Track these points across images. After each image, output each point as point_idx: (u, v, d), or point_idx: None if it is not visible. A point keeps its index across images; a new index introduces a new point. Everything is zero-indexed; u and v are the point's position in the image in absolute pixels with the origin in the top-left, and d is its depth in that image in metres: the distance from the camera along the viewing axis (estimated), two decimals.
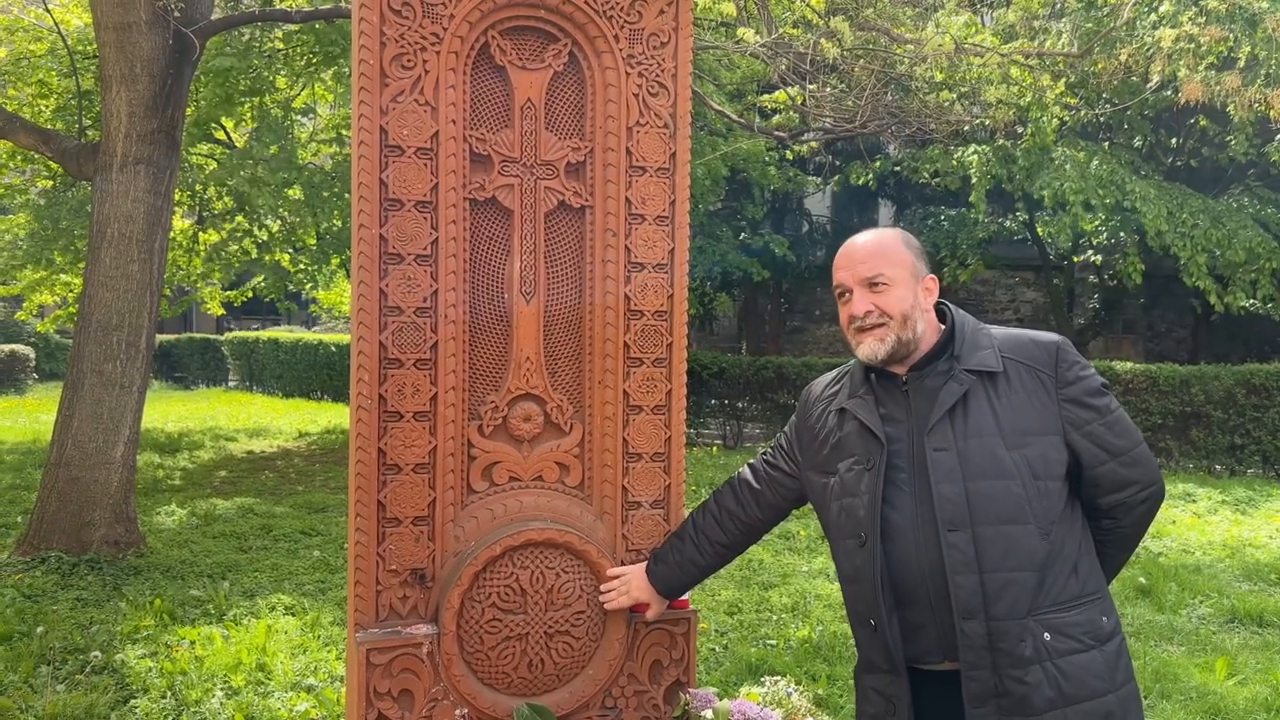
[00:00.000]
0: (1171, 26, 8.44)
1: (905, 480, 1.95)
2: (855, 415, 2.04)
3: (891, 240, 2.04)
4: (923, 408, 1.97)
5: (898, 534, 1.94)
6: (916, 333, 2.00)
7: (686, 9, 2.41)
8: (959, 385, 1.95)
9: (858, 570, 1.99)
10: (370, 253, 2.21)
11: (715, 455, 11.50)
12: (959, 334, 2.01)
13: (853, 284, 2.02)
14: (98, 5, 5.83)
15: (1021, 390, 1.94)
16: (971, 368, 1.96)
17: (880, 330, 2.00)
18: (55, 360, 19.69)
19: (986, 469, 1.89)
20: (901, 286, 2.00)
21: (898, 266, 2.00)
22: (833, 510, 2.07)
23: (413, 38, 2.21)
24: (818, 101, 7.69)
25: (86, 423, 5.89)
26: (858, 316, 2.01)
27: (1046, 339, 2.00)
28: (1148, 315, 17.84)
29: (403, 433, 2.23)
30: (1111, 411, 1.96)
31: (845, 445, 2.06)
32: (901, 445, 1.98)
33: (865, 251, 2.03)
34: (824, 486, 2.09)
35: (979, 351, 1.98)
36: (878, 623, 1.95)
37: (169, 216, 6.27)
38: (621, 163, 2.41)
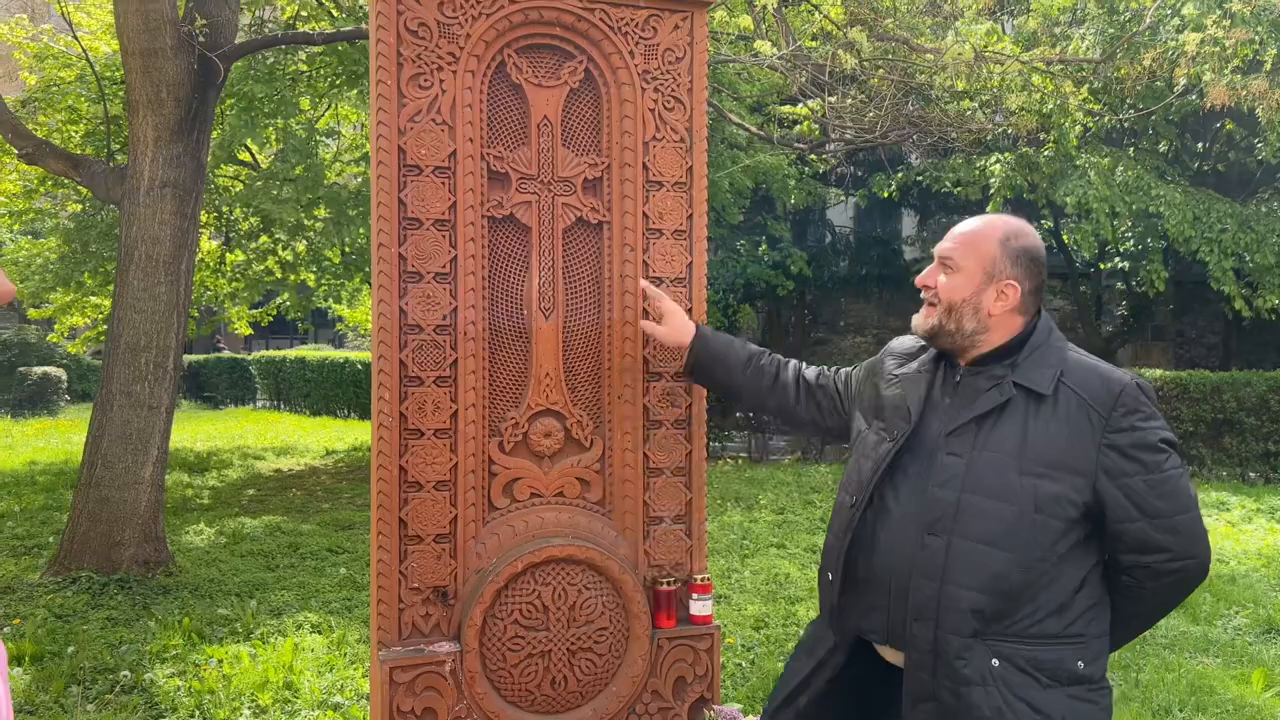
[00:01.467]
0: (1195, 30, 8.36)
1: (913, 468, 1.95)
2: (904, 384, 2.05)
3: (988, 232, 1.98)
4: (961, 406, 1.95)
5: (886, 517, 1.97)
6: (962, 328, 1.96)
7: (701, 24, 2.42)
8: (999, 395, 1.90)
9: (839, 526, 2.05)
10: (390, 271, 2.22)
11: (740, 469, 11.46)
12: (1029, 345, 1.95)
13: (936, 254, 2.03)
14: (125, 32, 5.92)
15: (1063, 421, 1.85)
16: (1020, 382, 1.90)
17: (928, 308, 2.01)
18: (87, 381, 19.94)
19: (987, 485, 1.85)
20: (965, 278, 1.96)
21: (974, 258, 1.96)
22: (851, 459, 2.13)
23: (429, 58, 2.23)
24: (838, 113, 7.67)
25: (116, 443, 5.95)
26: (920, 285, 2.03)
27: (1117, 379, 1.88)
28: (1177, 322, 17.62)
29: (424, 450, 2.24)
30: (1162, 470, 1.82)
31: (886, 407, 2.07)
32: (928, 433, 1.96)
33: (958, 231, 2.02)
34: (857, 432, 2.15)
35: (1038, 369, 1.91)
36: (834, 579, 2.03)
37: (195, 238, 6.34)
38: (638, 178, 2.41)
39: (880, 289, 19.05)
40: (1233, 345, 16.30)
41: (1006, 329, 1.96)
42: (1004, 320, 1.96)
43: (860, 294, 19.45)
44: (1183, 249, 11.60)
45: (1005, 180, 11.90)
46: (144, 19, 5.81)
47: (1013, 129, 9.27)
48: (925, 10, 9.23)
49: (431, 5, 2.22)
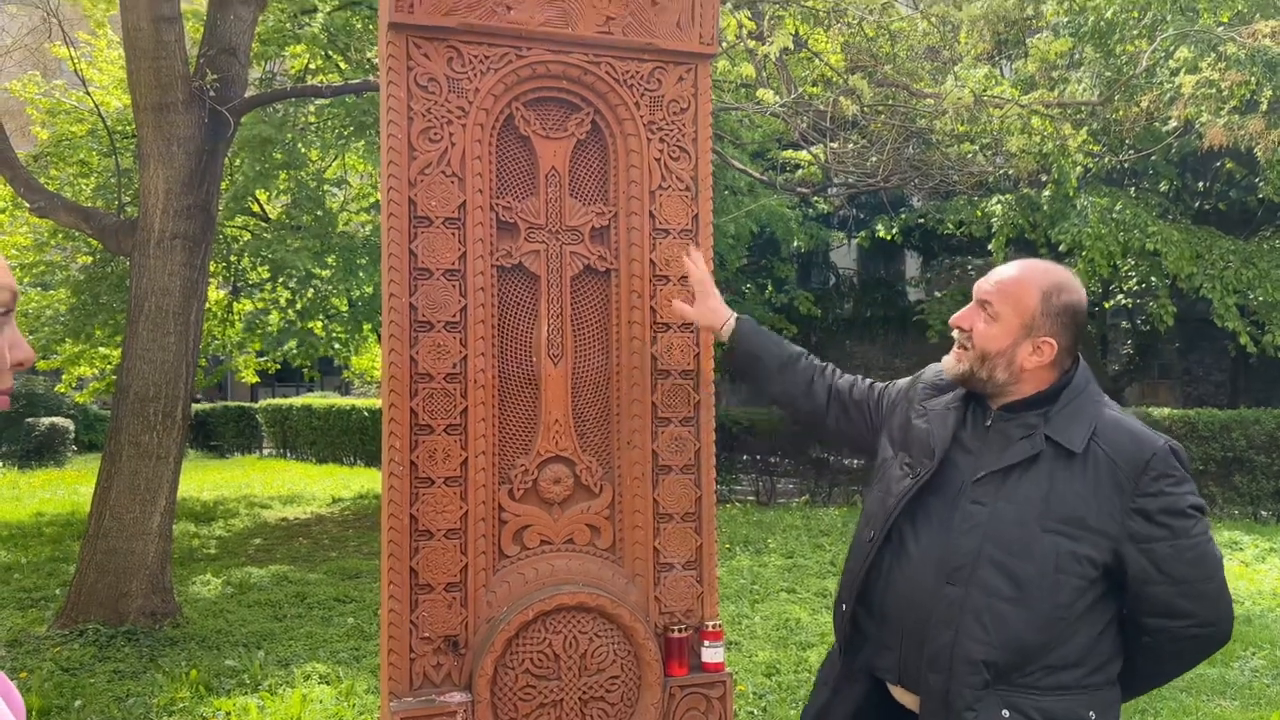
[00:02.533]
0: (1191, 72, 8.45)
1: (935, 509, 1.92)
2: (931, 419, 2.02)
3: (1032, 283, 1.92)
4: (990, 452, 1.91)
5: (904, 555, 1.95)
6: (994, 378, 1.93)
7: (705, 76, 2.46)
8: (1030, 448, 1.86)
9: (857, 559, 2.05)
10: (401, 321, 2.24)
11: (748, 512, 11.40)
12: (1065, 395, 1.91)
13: (975, 294, 1.98)
14: (137, 88, 6.03)
15: (1091, 480, 1.82)
16: (1052, 436, 1.86)
17: (960, 351, 1.97)
18: (94, 431, 19.96)
19: (1010, 541, 1.83)
20: (1002, 328, 1.91)
21: (1014, 309, 1.91)
22: (874, 486, 2.11)
23: (439, 112, 2.27)
24: (839, 158, 7.76)
25: (124, 494, 5.96)
26: (953, 326, 2.00)
27: (1149, 442, 1.84)
28: (1184, 359, 17.61)
29: (434, 498, 2.24)
30: (1189, 535, 1.80)
31: (912, 440, 2.04)
32: (954, 474, 1.93)
33: (1001, 276, 1.96)
34: (883, 460, 2.12)
35: (1072, 423, 1.87)
36: (847, 610, 2.04)
37: (204, 288, 6.40)
38: (645, 226, 2.44)
39: (885, 330, 19.09)
40: (1240, 383, 16.27)
41: (1039, 381, 1.94)
42: (1037, 374, 1.93)
43: (865, 335, 19.48)
44: (1185, 285, 11.62)
45: (1006, 220, 11.98)
46: (156, 75, 5.92)
47: (1014, 171, 9.35)
48: (924, 55, 9.36)
49: (441, 61, 2.26)
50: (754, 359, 2.37)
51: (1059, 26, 11.10)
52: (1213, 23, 9.47)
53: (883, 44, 8.25)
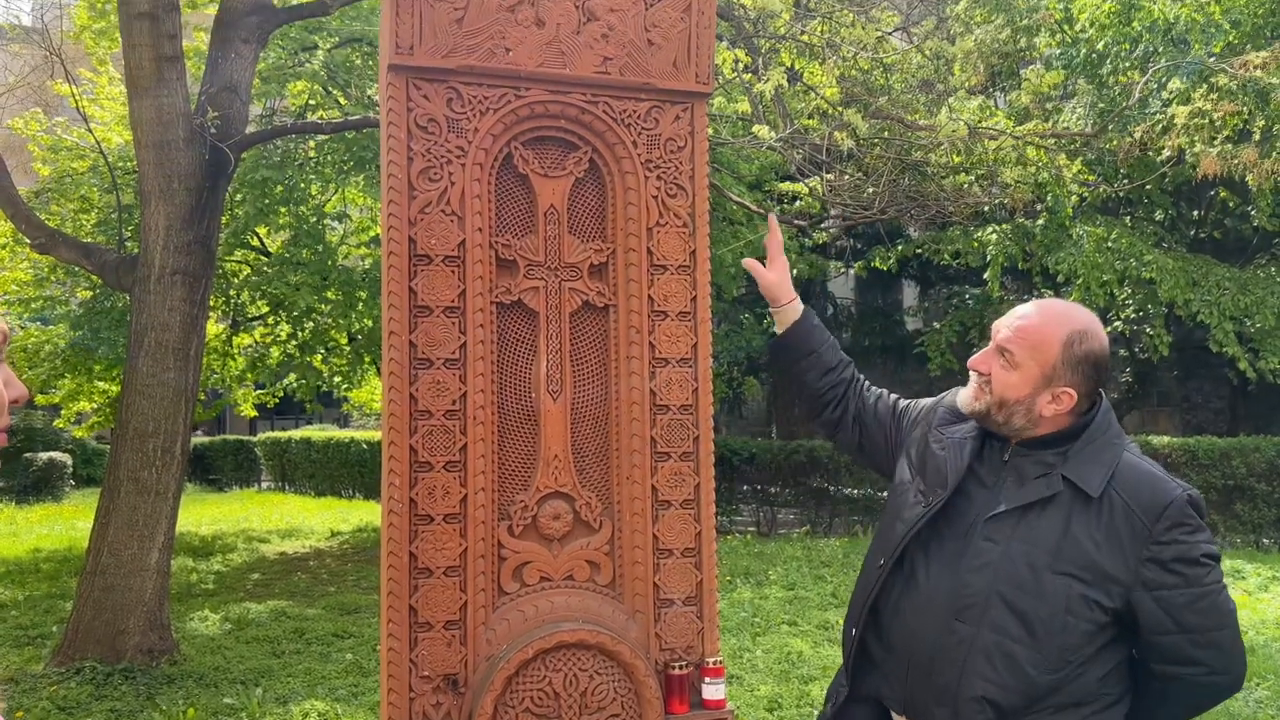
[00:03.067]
0: (1183, 103, 8.54)
1: (948, 539, 1.91)
2: (949, 447, 2.00)
3: (1053, 333, 1.89)
4: (1008, 485, 1.90)
5: (913, 586, 1.94)
6: (1011, 422, 1.91)
7: (701, 114, 2.49)
8: (1048, 488, 1.84)
9: (866, 583, 2.05)
10: (400, 359, 2.25)
11: (749, 543, 11.36)
12: (1086, 435, 1.88)
13: (993, 337, 1.96)
14: (138, 125, 6.09)
15: (1106, 526, 1.81)
16: (1070, 478, 1.84)
17: (978, 389, 1.95)
18: (92, 466, 19.91)
19: (1021, 579, 1.81)
20: (1022, 378, 1.89)
21: (1033, 359, 1.88)
22: (888, 507, 2.11)
23: (439, 152, 2.29)
24: (835, 190, 7.82)
25: (122, 530, 5.94)
26: (970, 368, 1.98)
27: (1167, 491, 1.82)
28: (1183, 387, 17.61)
29: (433, 536, 2.24)
30: (1202, 584, 1.79)
31: (929, 466, 2.03)
32: (966, 505, 1.92)
33: (1022, 323, 1.92)
34: (900, 481, 2.11)
35: (1091, 466, 1.84)
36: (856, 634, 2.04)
37: (204, 323, 6.42)
38: (643, 262, 2.46)
39: (884, 360, 19.11)
40: (1239, 409, 16.27)
41: (1058, 423, 1.92)
42: (1055, 420, 1.92)
43: (864, 365, 19.42)
44: (1182, 312, 11.67)
45: (1001, 250, 12.04)
46: (158, 113, 5.98)
47: (1008, 201, 9.41)
48: (918, 88, 9.45)
49: (440, 102, 2.29)
50: (809, 353, 2.38)
51: (1052, 58, 11.23)
52: (1204, 54, 9.58)
53: (878, 77, 8.34)
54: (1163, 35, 10.05)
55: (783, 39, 7.19)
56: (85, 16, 10.09)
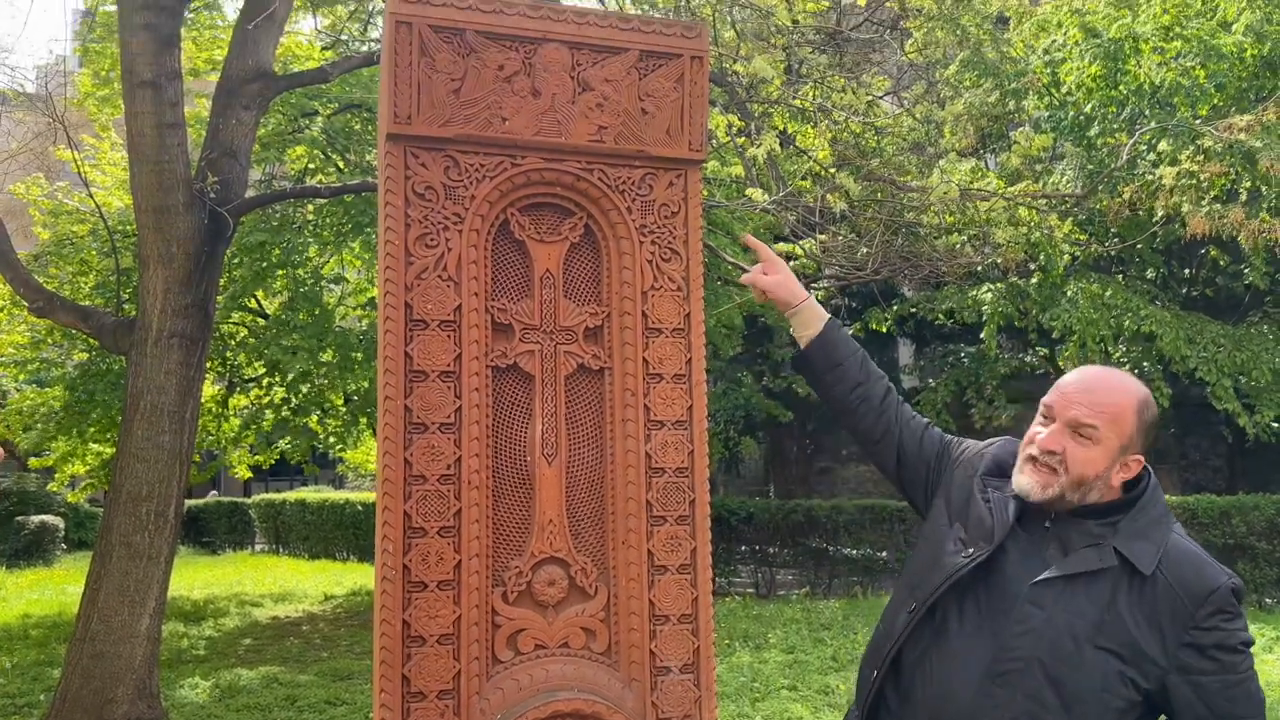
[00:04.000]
0: (1170, 165, 8.67)
1: (985, 599, 1.87)
2: (994, 500, 1.94)
3: (1127, 402, 1.87)
4: (1051, 551, 1.86)
5: (945, 640, 1.88)
6: (1086, 500, 1.88)
7: (695, 180, 2.53)
8: (1099, 560, 1.81)
9: (893, 627, 1.98)
10: (395, 424, 2.25)
11: (747, 605, 11.24)
12: (1133, 509, 1.87)
13: (1060, 415, 1.88)
14: (138, 190, 6.15)
15: (1150, 607, 1.79)
16: (1122, 551, 1.82)
17: (1049, 475, 1.87)
18: (85, 530, 19.73)
19: (1064, 652, 1.79)
20: (1102, 451, 1.85)
21: (1114, 431, 1.85)
22: (921, 548, 2.04)
23: (436, 218, 2.32)
24: (829, 251, 7.90)
25: (113, 596, 5.87)
26: (1041, 449, 1.88)
27: (1214, 577, 1.82)
28: (1180, 444, 17.60)
29: (427, 603, 2.22)
30: (1239, 672, 1.80)
31: (971, 514, 1.97)
32: (1004, 564, 1.87)
33: (1094, 398, 1.87)
34: (937, 525, 2.04)
35: (1141, 542, 1.82)
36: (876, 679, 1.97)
37: (200, 386, 6.42)
38: (638, 325, 2.47)
39: None
40: (1238, 467, 16.24)
41: (1109, 494, 1.91)
42: (1108, 491, 1.91)
43: None
44: (1179, 367, 11.70)
45: (996, 308, 12.12)
46: (158, 178, 6.05)
47: (1001, 260, 9.50)
48: (910, 149, 9.59)
49: (438, 170, 2.32)
50: (835, 365, 2.32)
51: (1040, 120, 11.41)
52: (1189, 116, 9.75)
53: (869, 139, 8.46)
54: (1148, 98, 10.23)
55: (775, 104, 7.31)
56: (89, 84, 10.26)
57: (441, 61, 2.30)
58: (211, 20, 9.99)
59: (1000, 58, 10.64)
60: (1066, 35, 10.85)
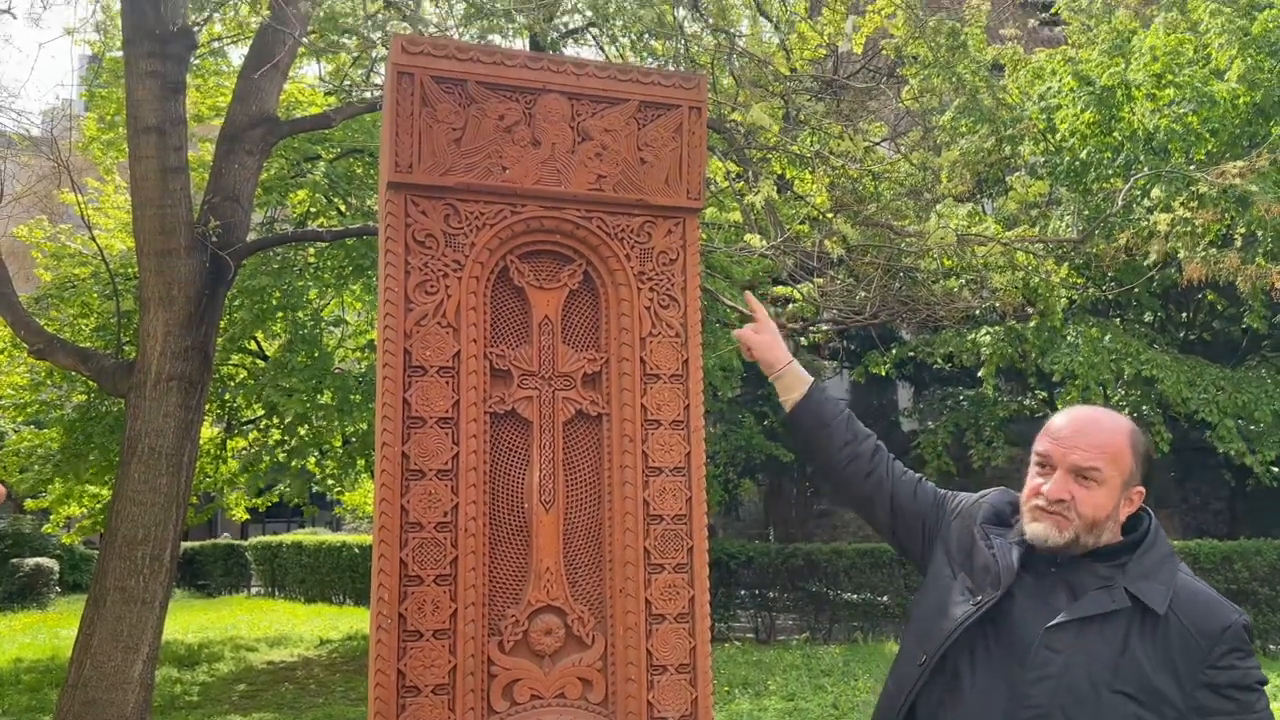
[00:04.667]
0: (1165, 211, 8.73)
1: (996, 647, 1.85)
2: (998, 547, 1.93)
3: (1122, 438, 1.90)
4: (1059, 595, 1.86)
5: (957, 689, 1.86)
6: (1098, 540, 1.88)
7: (693, 228, 2.55)
8: (1111, 601, 1.81)
9: (904, 678, 1.95)
10: (392, 470, 2.25)
11: (747, 650, 11.12)
12: (1140, 549, 1.88)
13: (1060, 463, 1.89)
14: (141, 233, 6.19)
15: (1164, 646, 1.79)
16: (1134, 592, 1.82)
17: (1061, 520, 1.86)
18: (79, 572, 19.58)
19: (1081, 695, 1.78)
20: (1108, 490, 1.86)
21: (1115, 470, 1.87)
22: (925, 598, 2.02)
23: (436, 265, 2.34)
24: (827, 295, 7.93)
25: (106, 641, 5.81)
26: (1048, 499, 1.88)
27: (1225, 614, 1.83)
28: (1181, 488, 17.52)
29: (422, 652, 2.20)
30: (1254, 711, 1.79)
31: (975, 561, 1.96)
32: (1011, 610, 1.86)
33: (1091, 440, 1.88)
34: (939, 574, 2.03)
35: (1151, 582, 1.83)
36: None
37: (198, 429, 6.40)
38: (636, 371, 2.48)
39: None
40: (1239, 511, 16.15)
41: (1114, 535, 1.91)
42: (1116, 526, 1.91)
43: None
44: (1180, 410, 11.68)
45: (995, 350, 12.13)
46: (160, 222, 6.09)
47: (1000, 304, 9.53)
48: (907, 194, 9.67)
49: (438, 217, 2.35)
50: (822, 426, 2.33)
51: (1036, 166, 11.52)
52: (1184, 162, 9.84)
53: (867, 185, 8.53)
54: (1144, 145, 10.34)
55: (773, 150, 7.39)
56: (95, 128, 10.36)
57: (443, 111, 2.33)
58: (216, 66, 10.11)
59: (996, 104, 10.77)
60: (1061, 83, 10.98)
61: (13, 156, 11.37)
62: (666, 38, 7.58)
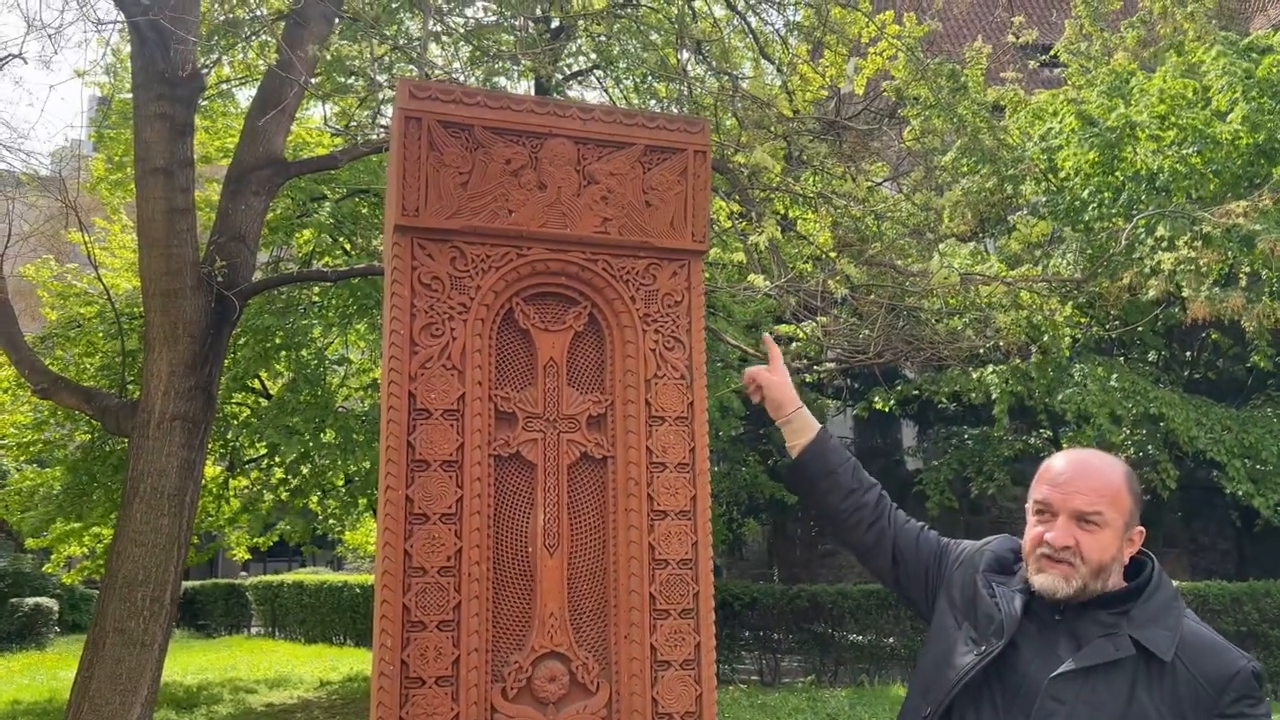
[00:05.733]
0: (1168, 250, 8.76)
1: (1001, 697, 1.83)
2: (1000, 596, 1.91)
3: (1120, 480, 1.89)
4: (1064, 645, 1.83)
5: None
6: (1104, 586, 1.86)
7: (698, 271, 2.55)
8: (1114, 650, 1.79)
9: None
10: (396, 514, 2.23)
11: (751, 693, 10.98)
12: (1144, 594, 1.86)
13: (1061, 509, 1.87)
14: (147, 274, 6.21)
15: (1170, 694, 1.77)
16: (1138, 639, 1.79)
17: (1068, 569, 1.84)
18: (79, 612, 19.43)
19: None
20: (1111, 534, 1.85)
21: (1116, 512, 1.86)
22: (930, 649, 2.00)
23: (441, 308, 2.33)
24: (830, 334, 7.94)
25: (105, 684, 5.74)
26: (1054, 547, 1.85)
27: (1234, 662, 1.82)
28: (1188, 529, 17.39)
29: (425, 700, 2.17)
30: None
31: (979, 611, 1.93)
32: (1016, 660, 1.83)
33: (1091, 484, 1.87)
34: (942, 626, 2.00)
35: (1156, 628, 1.81)
36: None
37: (201, 469, 6.38)
38: (641, 414, 2.47)
39: None
40: (1246, 551, 16.02)
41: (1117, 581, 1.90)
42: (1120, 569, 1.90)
43: None
44: (1188, 448, 11.63)
45: (1005, 388, 12.11)
46: (166, 262, 6.11)
47: (1004, 343, 9.52)
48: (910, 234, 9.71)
49: (444, 260, 2.35)
50: (827, 474, 2.31)
51: (1038, 205, 11.57)
52: (1185, 202, 9.89)
53: (870, 224, 8.57)
54: (1146, 185, 10.39)
55: (776, 190, 7.43)
56: (102, 169, 10.45)
57: (450, 155, 2.34)
58: (224, 108, 10.23)
59: (997, 145, 10.84)
60: (1063, 123, 11.06)
61: (21, 197, 11.45)
62: (670, 80, 7.65)
